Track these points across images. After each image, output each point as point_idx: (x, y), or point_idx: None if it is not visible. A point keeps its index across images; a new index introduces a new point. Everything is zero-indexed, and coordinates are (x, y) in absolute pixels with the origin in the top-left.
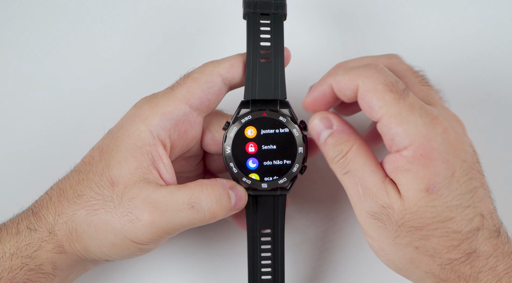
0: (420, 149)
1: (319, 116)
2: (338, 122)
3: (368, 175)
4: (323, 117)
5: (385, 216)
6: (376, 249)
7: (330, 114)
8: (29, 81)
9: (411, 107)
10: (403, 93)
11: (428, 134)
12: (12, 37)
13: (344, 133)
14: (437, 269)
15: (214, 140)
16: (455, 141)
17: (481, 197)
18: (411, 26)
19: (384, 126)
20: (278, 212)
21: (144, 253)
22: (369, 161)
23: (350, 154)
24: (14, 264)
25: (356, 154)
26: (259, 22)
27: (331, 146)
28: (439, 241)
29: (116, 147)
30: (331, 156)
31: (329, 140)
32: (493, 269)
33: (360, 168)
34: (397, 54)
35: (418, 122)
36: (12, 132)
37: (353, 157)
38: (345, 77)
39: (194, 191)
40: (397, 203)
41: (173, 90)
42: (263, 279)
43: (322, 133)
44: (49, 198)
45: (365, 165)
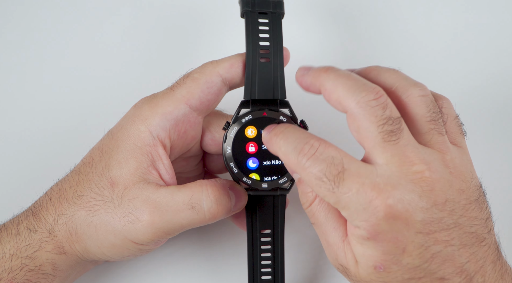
0: (366, 232)
1: None
2: None
3: (330, 231)
4: None
5: (345, 273)
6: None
7: None
8: (29, 81)
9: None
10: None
11: (369, 219)
12: (12, 37)
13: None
14: None
15: (214, 140)
16: (406, 214)
17: (445, 257)
18: (410, 26)
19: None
20: (278, 212)
21: (144, 253)
22: (332, 215)
23: (313, 206)
24: (14, 265)
25: (318, 207)
26: (258, 21)
27: (300, 193)
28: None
29: (116, 147)
30: (302, 203)
31: (298, 187)
32: None
33: (323, 222)
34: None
35: (360, 205)
36: (12, 132)
37: (316, 210)
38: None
39: (194, 191)
40: (352, 267)
41: (173, 91)
42: (263, 279)
43: (294, 176)
44: (49, 198)
45: (327, 219)
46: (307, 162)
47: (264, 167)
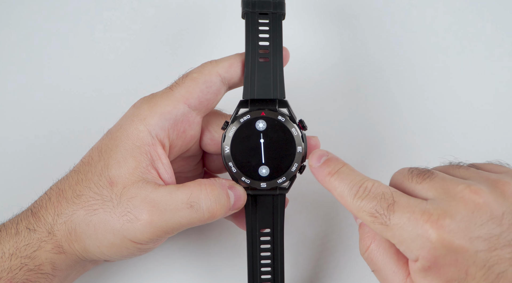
0: (426, 261)
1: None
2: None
3: (390, 275)
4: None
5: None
6: None
7: None
8: (29, 81)
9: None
10: (389, 206)
11: (425, 245)
12: (12, 38)
13: (366, 227)
14: None
15: (213, 140)
16: (459, 234)
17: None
18: (410, 26)
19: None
20: (277, 212)
21: (143, 253)
22: (390, 257)
23: (370, 250)
24: (14, 265)
25: (376, 251)
26: (258, 21)
27: (360, 238)
28: None
29: (115, 147)
30: (360, 249)
31: (359, 232)
32: None
33: (382, 267)
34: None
35: (414, 235)
36: (11, 132)
37: (374, 253)
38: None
39: (193, 190)
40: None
41: (172, 90)
42: (263, 278)
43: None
44: (48, 198)
45: (385, 264)
46: (361, 203)
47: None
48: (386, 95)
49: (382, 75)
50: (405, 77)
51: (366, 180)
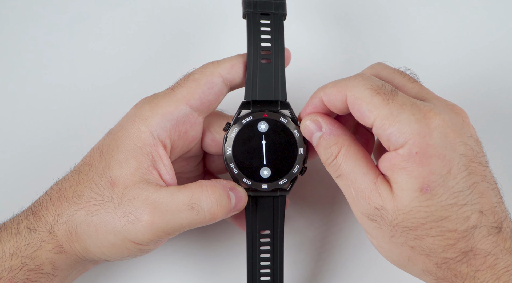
0: (415, 146)
1: (309, 119)
2: (327, 124)
3: (359, 177)
4: (312, 120)
5: (379, 217)
6: (376, 246)
7: (319, 116)
8: (29, 81)
9: (402, 105)
10: (391, 93)
11: (422, 130)
12: (12, 37)
13: (333, 135)
14: (434, 268)
15: (215, 141)
16: (453, 134)
17: (482, 191)
18: (411, 26)
19: (378, 129)
20: (277, 213)
21: (144, 253)
22: (360, 162)
23: (339, 156)
24: (14, 264)
25: (345, 157)
26: (259, 22)
27: (322, 148)
28: (434, 241)
29: (116, 147)
30: (323, 159)
31: (320, 142)
32: (491, 267)
33: (351, 170)
34: (380, 62)
35: (411, 119)
36: (12, 132)
37: (342, 159)
38: (333, 89)
39: (194, 191)
40: (390, 203)
41: (174, 91)
42: (262, 280)
43: (314, 135)
44: (49, 198)
45: (355, 167)
46: (360, 81)
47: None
48: None
49: None
50: None
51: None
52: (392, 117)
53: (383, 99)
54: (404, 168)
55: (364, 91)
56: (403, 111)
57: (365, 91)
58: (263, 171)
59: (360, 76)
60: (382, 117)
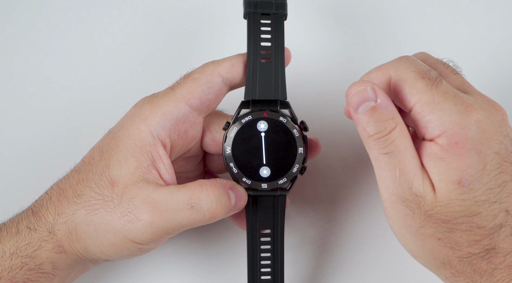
0: (454, 137)
1: (367, 84)
2: (384, 97)
3: (409, 159)
4: (370, 87)
5: (415, 204)
6: (396, 233)
7: (377, 87)
8: (29, 80)
9: (445, 94)
10: (436, 80)
11: (462, 122)
12: (12, 37)
13: (389, 110)
14: (455, 261)
15: (214, 140)
16: (490, 131)
17: (509, 191)
18: (412, 26)
19: (417, 114)
20: (278, 212)
21: (143, 253)
22: (410, 144)
23: (394, 133)
24: (14, 264)
25: (400, 135)
26: (260, 22)
27: (372, 120)
28: (462, 235)
29: (116, 146)
30: (371, 131)
31: (371, 113)
32: (509, 267)
33: (402, 150)
34: (423, 51)
35: (452, 110)
36: (12, 132)
37: (397, 137)
38: (378, 72)
39: (194, 191)
40: (430, 193)
41: (173, 90)
42: (263, 279)
43: (364, 104)
44: (49, 197)
45: (407, 148)
46: (406, 62)
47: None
48: None
49: None
50: None
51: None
52: (433, 104)
53: (427, 84)
54: (443, 158)
55: (408, 74)
56: (446, 100)
57: (409, 74)
58: (263, 170)
59: (406, 58)
60: (423, 103)
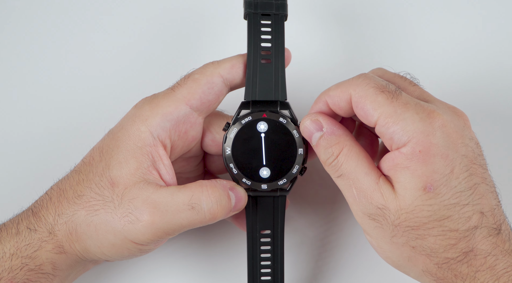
0: (418, 145)
1: (309, 118)
2: (328, 124)
3: (361, 177)
4: (313, 120)
5: (381, 217)
6: (375, 247)
7: (320, 116)
8: (29, 81)
9: (406, 104)
10: (395, 92)
11: (425, 129)
12: (12, 37)
13: (334, 135)
14: (434, 268)
15: (215, 141)
16: (455, 135)
17: (482, 193)
18: (412, 26)
19: (382, 127)
20: (278, 213)
21: (144, 253)
22: (361, 162)
23: (341, 156)
24: (14, 264)
25: (347, 157)
26: (260, 22)
27: (322, 148)
28: (435, 240)
29: (116, 147)
30: (323, 159)
31: (320, 143)
32: (491, 268)
33: (353, 170)
34: (380, 67)
35: (415, 118)
36: (12, 132)
37: (344, 159)
38: (337, 90)
39: (194, 191)
40: (392, 203)
41: (174, 91)
42: (263, 279)
43: (314, 136)
44: (49, 198)
45: (357, 167)
46: (363, 80)
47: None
48: None
49: None
50: None
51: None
52: (396, 115)
53: (387, 97)
54: (407, 167)
55: (368, 90)
56: (407, 110)
57: (369, 90)
58: (263, 171)
59: (364, 75)
60: (386, 116)
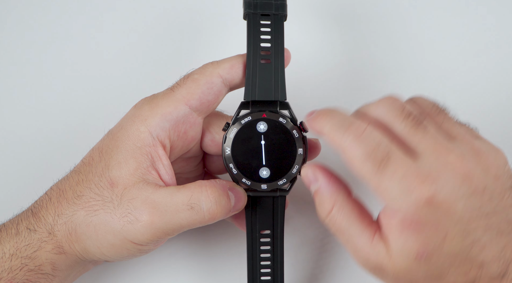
0: (408, 216)
1: (309, 168)
2: (323, 177)
3: (355, 235)
4: (311, 170)
5: (380, 271)
6: None
7: (317, 169)
8: (29, 81)
9: (393, 174)
10: (383, 161)
11: (414, 203)
12: (12, 37)
13: (327, 191)
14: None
15: (214, 141)
16: (446, 203)
17: (484, 244)
18: (412, 27)
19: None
20: (277, 213)
21: (143, 254)
22: (355, 220)
23: (332, 215)
24: (14, 265)
25: (338, 214)
26: (260, 23)
27: (317, 204)
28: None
29: (115, 147)
30: (318, 214)
31: (315, 197)
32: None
33: (346, 228)
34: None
35: (403, 191)
36: (12, 132)
37: (336, 217)
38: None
39: (194, 192)
40: (388, 264)
41: (173, 91)
42: (263, 280)
43: (311, 187)
44: (49, 198)
45: (350, 225)
46: (352, 141)
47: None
48: None
49: (384, 77)
50: (407, 78)
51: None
52: (381, 189)
53: (373, 167)
54: (400, 234)
55: (355, 152)
56: (393, 182)
57: (356, 152)
58: (262, 171)
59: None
60: (372, 188)
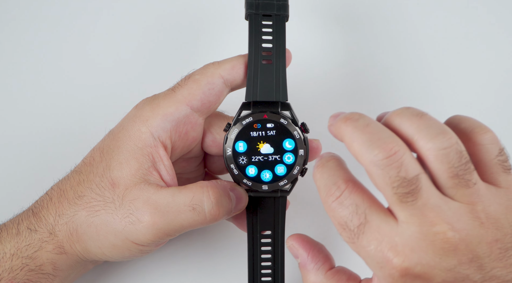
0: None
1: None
2: (303, 254)
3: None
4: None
5: None
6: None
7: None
8: (30, 81)
9: (365, 247)
10: (356, 231)
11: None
12: (13, 37)
13: (305, 269)
14: None
15: (215, 141)
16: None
17: None
18: (414, 27)
19: None
20: (278, 214)
21: (144, 254)
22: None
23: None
24: (15, 265)
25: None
26: (261, 23)
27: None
28: None
29: (116, 147)
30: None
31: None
32: None
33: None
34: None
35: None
36: (12, 132)
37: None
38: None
39: (195, 192)
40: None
41: (174, 92)
42: (263, 280)
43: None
44: (50, 198)
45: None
46: (332, 204)
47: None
48: (389, 98)
49: (385, 77)
50: (409, 79)
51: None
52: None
53: (349, 237)
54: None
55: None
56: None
57: (334, 221)
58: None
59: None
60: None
